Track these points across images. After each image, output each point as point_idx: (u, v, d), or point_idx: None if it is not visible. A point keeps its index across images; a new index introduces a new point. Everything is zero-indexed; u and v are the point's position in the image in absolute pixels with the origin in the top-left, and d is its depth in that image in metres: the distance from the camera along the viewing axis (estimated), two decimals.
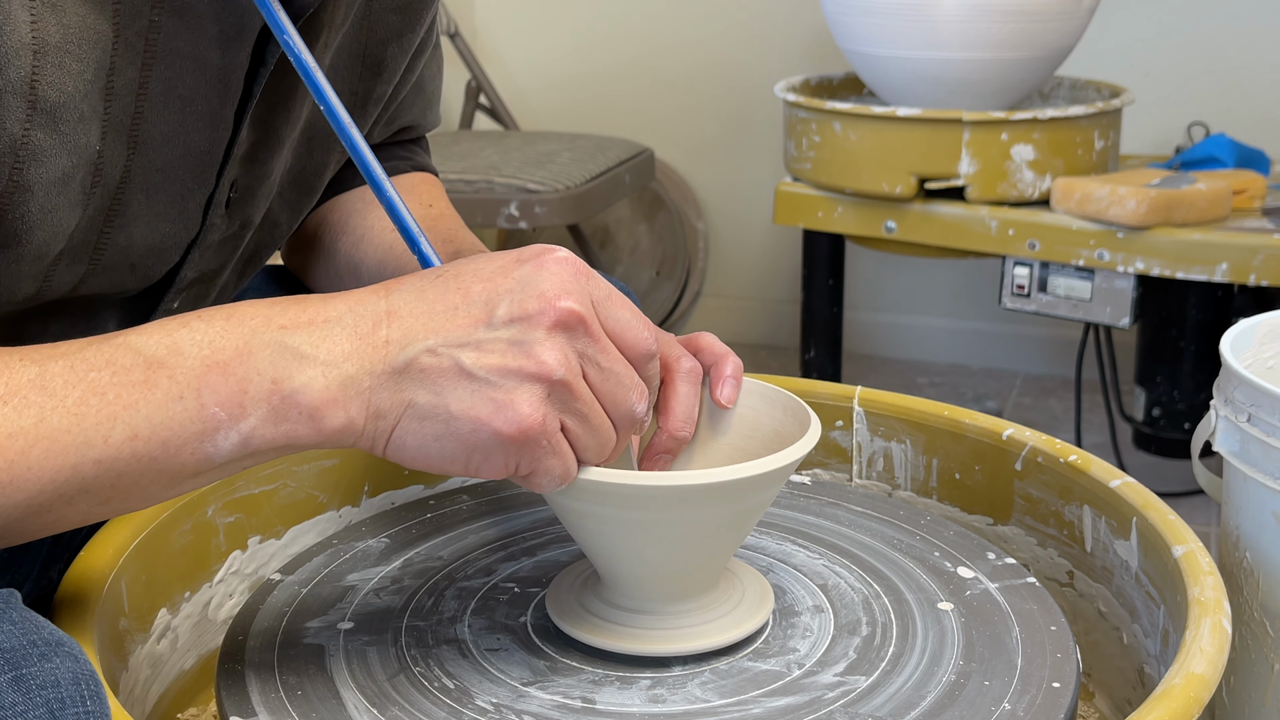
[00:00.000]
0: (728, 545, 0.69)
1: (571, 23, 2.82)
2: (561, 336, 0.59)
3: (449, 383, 0.58)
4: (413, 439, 0.59)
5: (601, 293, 0.61)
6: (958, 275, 2.68)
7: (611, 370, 0.60)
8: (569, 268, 0.60)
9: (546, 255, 0.60)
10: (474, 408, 0.58)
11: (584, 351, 0.59)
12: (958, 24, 1.85)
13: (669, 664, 0.68)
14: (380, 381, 0.58)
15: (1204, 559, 0.69)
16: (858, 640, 0.70)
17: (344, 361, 0.58)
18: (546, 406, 0.59)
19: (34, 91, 0.62)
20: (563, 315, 0.58)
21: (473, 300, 0.59)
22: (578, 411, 0.60)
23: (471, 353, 0.58)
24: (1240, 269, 1.76)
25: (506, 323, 0.58)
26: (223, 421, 0.57)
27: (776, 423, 0.72)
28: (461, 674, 0.67)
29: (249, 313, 0.59)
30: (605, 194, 2.33)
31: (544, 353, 0.58)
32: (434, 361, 0.58)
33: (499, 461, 0.59)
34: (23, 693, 0.52)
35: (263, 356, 0.57)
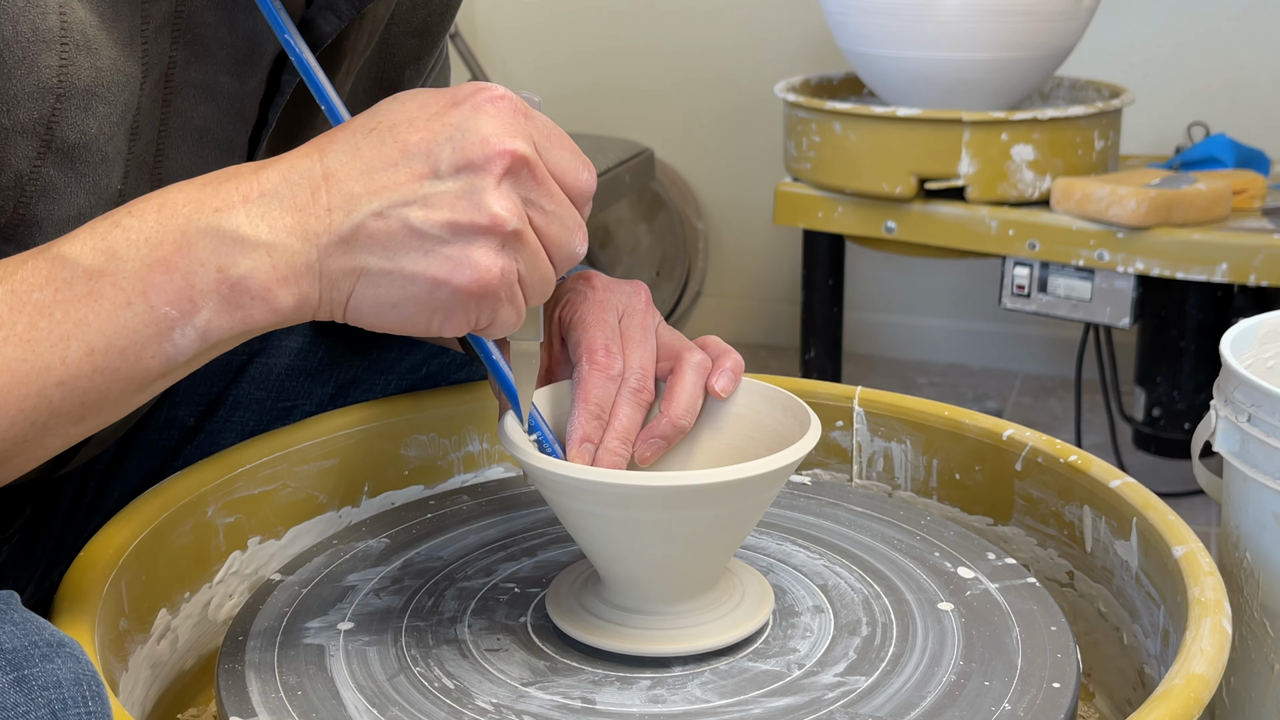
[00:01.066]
0: (728, 545, 0.69)
1: (571, 23, 2.82)
2: (508, 183, 0.57)
3: (400, 244, 0.56)
4: (369, 306, 0.58)
5: (542, 132, 0.59)
6: (958, 275, 2.68)
7: (556, 214, 0.59)
8: (507, 106, 0.58)
9: (481, 94, 0.58)
10: (430, 267, 0.57)
11: (529, 196, 0.58)
12: (958, 24, 1.85)
13: (669, 664, 0.68)
14: (328, 253, 0.57)
15: (1204, 559, 0.69)
16: (858, 640, 0.70)
17: (288, 237, 0.56)
18: (503, 258, 0.57)
19: (50, 132, 0.61)
20: (508, 160, 0.57)
21: (412, 153, 0.57)
22: (527, 258, 0.59)
23: (419, 210, 0.56)
24: (1240, 269, 1.76)
25: (452, 173, 0.56)
26: (176, 320, 0.56)
27: (776, 423, 0.72)
28: (461, 674, 0.67)
29: (180, 199, 0.57)
30: (605, 194, 2.33)
31: (495, 204, 0.56)
32: (382, 225, 0.56)
33: (460, 318, 0.58)
34: (25, 693, 0.52)
35: (203, 246, 0.55)
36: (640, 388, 0.72)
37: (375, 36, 0.79)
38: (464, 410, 0.91)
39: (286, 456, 0.83)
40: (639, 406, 0.72)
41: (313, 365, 0.92)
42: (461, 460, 0.92)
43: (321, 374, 0.92)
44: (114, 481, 0.89)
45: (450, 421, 0.91)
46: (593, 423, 0.69)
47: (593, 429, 0.69)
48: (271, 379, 0.91)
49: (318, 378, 0.92)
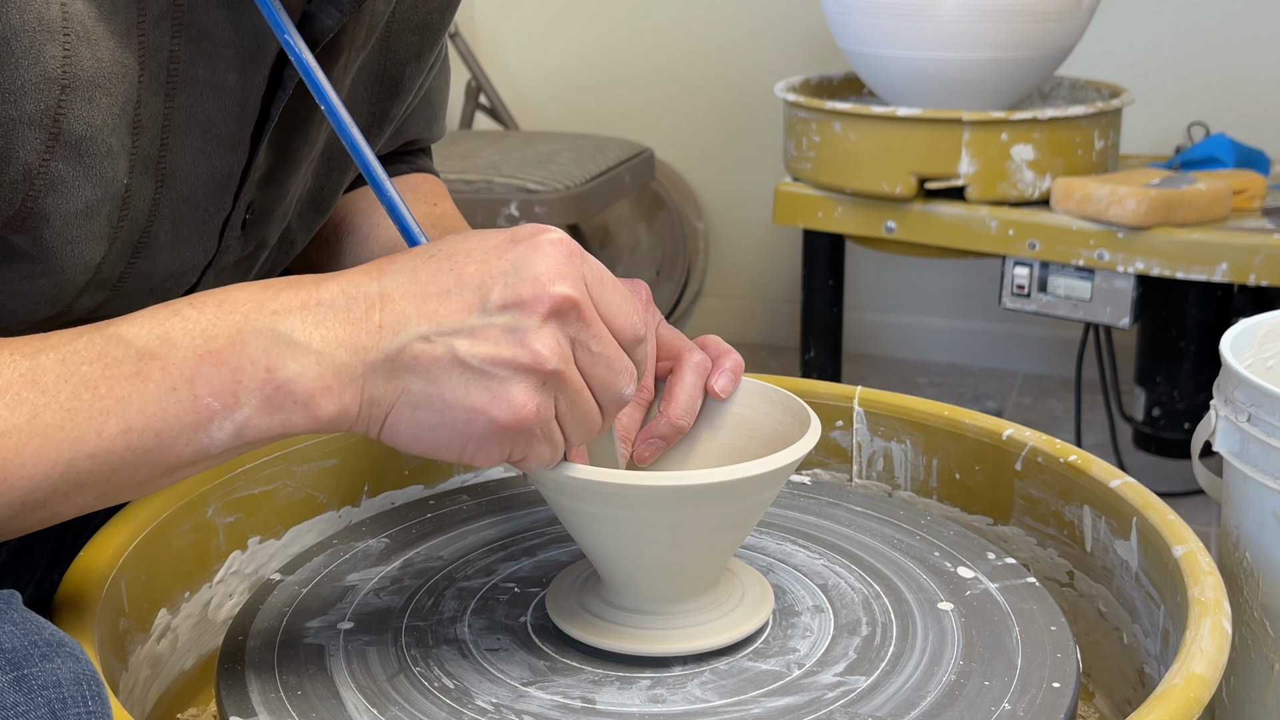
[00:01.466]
0: (728, 545, 0.69)
1: (572, 23, 2.82)
2: (555, 324, 0.58)
3: (443, 371, 0.57)
4: (407, 426, 0.59)
5: (594, 275, 0.60)
6: (958, 275, 2.68)
7: (603, 355, 0.60)
8: (563, 249, 0.59)
9: (540, 236, 0.59)
10: (469, 397, 0.57)
11: (576, 337, 0.59)
12: (958, 24, 1.85)
13: (669, 664, 0.68)
14: (374, 369, 0.58)
15: (1204, 559, 0.69)
16: (858, 640, 0.70)
17: (337, 348, 0.57)
18: (540, 396, 0.58)
19: (57, 124, 0.61)
20: (557, 302, 0.58)
21: (465, 284, 0.58)
22: (568, 397, 0.59)
23: (465, 340, 0.57)
24: (1240, 269, 1.76)
25: (500, 309, 0.58)
26: (217, 412, 0.56)
27: (776, 423, 0.72)
28: (461, 674, 0.67)
29: (241, 298, 0.58)
30: (605, 194, 2.33)
31: (538, 342, 0.57)
32: (428, 349, 0.57)
33: (494, 450, 0.59)
34: (24, 693, 0.52)
35: (255, 345, 0.57)
36: (640, 387, 0.72)
37: (375, 32, 0.79)
38: None
39: (286, 456, 0.83)
40: (638, 406, 0.72)
41: None
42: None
43: None
44: None
45: None
46: None
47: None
48: None
49: None
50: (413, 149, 0.98)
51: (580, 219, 2.29)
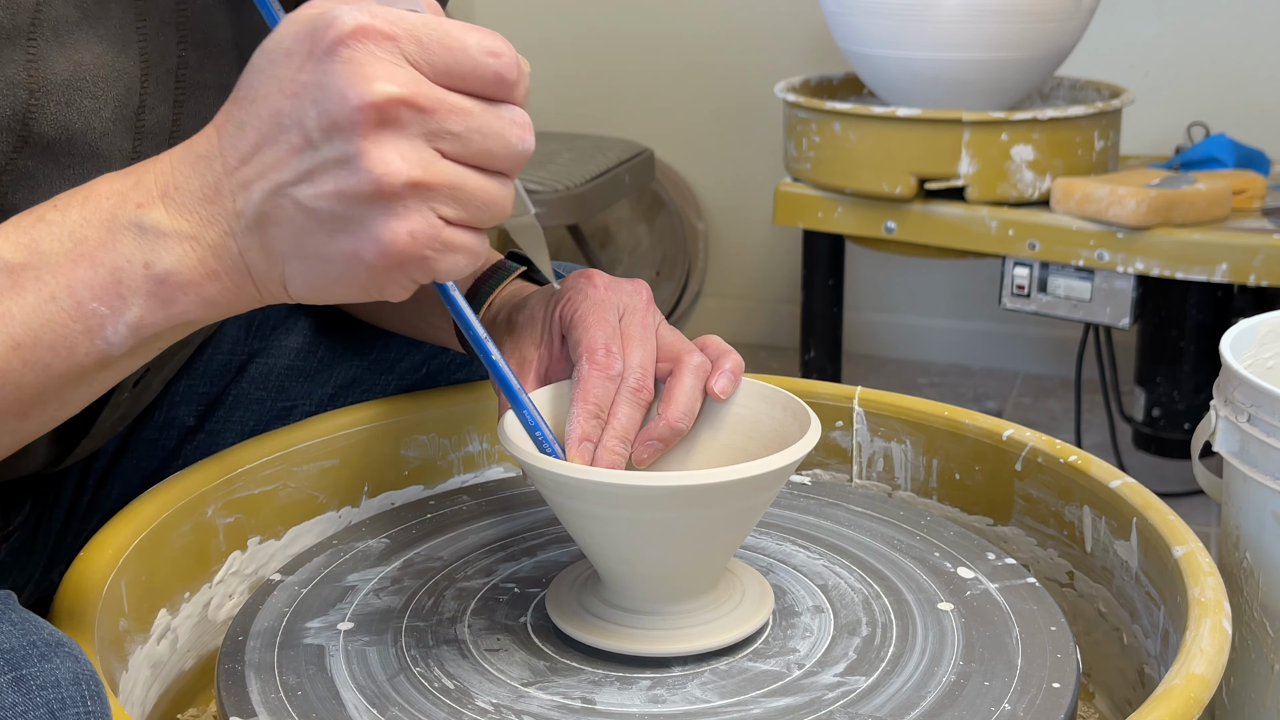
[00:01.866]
0: (727, 545, 0.69)
1: (571, 22, 2.82)
2: (387, 134, 0.52)
3: (301, 227, 0.54)
4: (305, 289, 0.56)
5: (408, 33, 0.52)
6: (958, 275, 2.68)
7: (470, 128, 0.53)
8: (358, 49, 0.52)
9: (329, 36, 0.52)
10: (336, 246, 0.54)
11: (427, 130, 0.52)
12: (958, 24, 1.85)
13: (669, 664, 0.68)
14: (245, 242, 0.55)
15: (1204, 559, 0.69)
16: (858, 640, 0.70)
17: (204, 229, 0.55)
18: (408, 218, 0.53)
19: (26, 127, 0.61)
20: (376, 112, 0.51)
21: (284, 123, 0.53)
22: (448, 197, 0.53)
23: (305, 188, 0.53)
24: (1240, 269, 1.76)
25: (324, 138, 0.52)
26: (105, 316, 0.55)
27: (776, 423, 0.72)
28: (461, 674, 0.67)
29: (104, 192, 0.56)
30: (605, 194, 2.33)
31: (374, 165, 0.52)
32: (276, 208, 0.54)
33: (393, 287, 0.55)
34: (23, 693, 0.52)
35: (127, 242, 0.55)
36: (640, 387, 0.71)
37: None
38: (464, 410, 0.91)
39: (286, 456, 0.83)
40: (638, 406, 0.72)
41: (312, 365, 0.92)
42: (461, 460, 0.92)
43: (321, 374, 0.92)
44: (113, 480, 0.89)
45: (450, 421, 0.91)
46: (592, 422, 0.69)
47: (592, 428, 0.69)
48: (271, 379, 0.91)
49: (317, 378, 0.92)
50: None
51: (580, 219, 2.29)
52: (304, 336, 0.92)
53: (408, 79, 0.52)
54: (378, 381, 0.92)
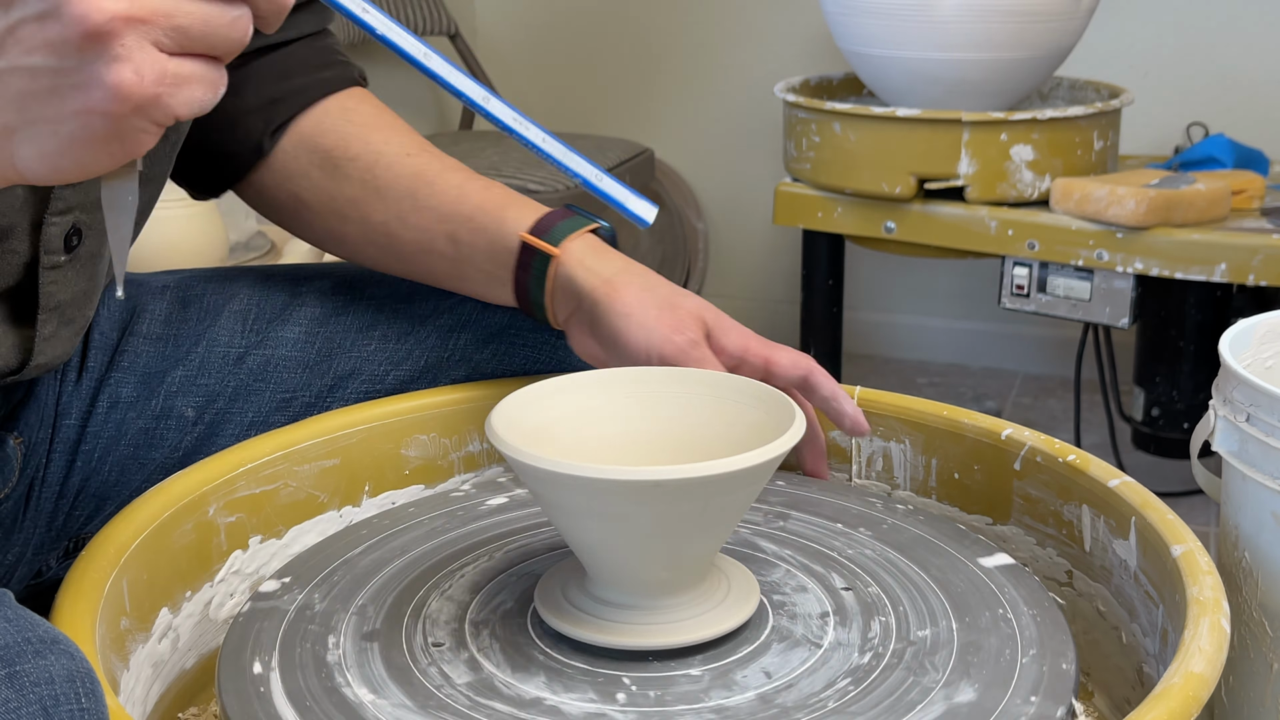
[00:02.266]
0: (712, 540, 0.69)
1: (571, 22, 2.82)
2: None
3: (19, 92, 0.51)
4: (37, 162, 0.53)
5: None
6: (957, 275, 2.68)
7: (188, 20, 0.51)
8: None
9: None
10: (67, 105, 0.51)
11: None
12: (958, 24, 1.85)
13: (654, 658, 0.68)
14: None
15: (1203, 558, 0.69)
16: (856, 637, 0.70)
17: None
18: (129, 57, 0.50)
19: None
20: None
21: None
22: (167, 27, 0.51)
23: (14, 49, 0.50)
24: (1239, 269, 1.76)
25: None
26: None
27: (761, 417, 0.72)
28: (459, 671, 0.67)
29: None
30: None
31: (77, 5, 0.49)
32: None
33: (138, 135, 0.52)
34: (16, 689, 0.52)
35: None
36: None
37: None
38: (464, 410, 0.91)
39: (287, 456, 0.83)
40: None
41: (311, 357, 0.92)
42: (461, 460, 0.92)
43: (319, 365, 0.92)
44: (107, 465, 0.89)
45: (451, 421, 0.91)
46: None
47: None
48: (269, 370, 0.91)
49: (316, 369, 0.92)
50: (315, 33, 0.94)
51: None
52: (302, 328, 0.92)
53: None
54: (376, 372, 0.92)
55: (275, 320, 0.92)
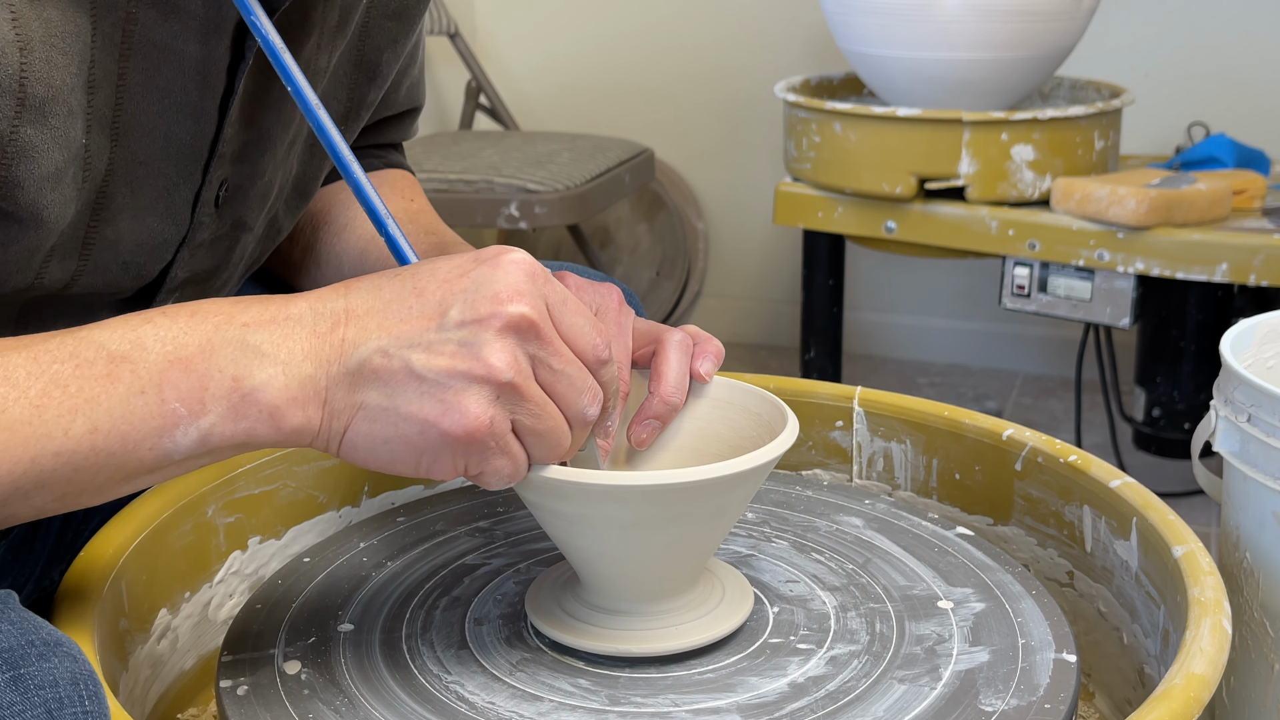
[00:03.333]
0: (703, 545, 0.69)
1: (572, 23, 2.82)
2: (512, 339, 0.59)
3: (399, 384, 0.58)
4: (364, 440, 0.60)
5: (557, 296, 0.61)
6: (958, 275, 2.68)
7: (564, 372, 0.61)
8: (524, 269, 0.60)
9: (503, 256, 0.61)
10: (423, 409, 0.58)
11: (535, 354, 0.60)
12: (958, 24, 1.85)
13: (646, 664, 0.68)
14: (336, 382, 0.59)
15: (1204, 559, 0.69)
16: (855, 638, 0.70)
17: (303, 360, 0.58)
18: (495, 408, 0.59)
19: (23, 88, 0.62)
20: (513, 318, 0.59)
21: (427, 302, 0.59)
22: (528, 411, 0.60)
23: (422, 354, 0.58)
24: (1240, 269, 1.76)
25: (458, 325, 0.59)
26: (183, 417, 0.57)
27: (754, 422, 0.72)
28: (457, 672, 0.67)
29: (212, 310, 0.59)
30: (605, 194, 2.33)
31: (491, 355, 0.58)
32: (385, 362, 0.58)
33: (447, 462, 0.60)
34: (20, 692, 0.52)
35: (224, 354, 0.58)
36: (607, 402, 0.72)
37: (352, 19, 0.79)
38: None
39: (287, 456, 0.83)
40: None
41: None
42: None
43: None
44: None
45: None
46: None
47: None
48: None
49: None
50: (385, 144, 0.99)
51: (580, 219, 2.29)
52: None
53: (543, 312, 0.60)
54: None
55: None
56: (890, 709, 0.64)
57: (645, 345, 0.75)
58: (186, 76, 0.70)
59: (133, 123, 0.69)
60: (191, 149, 0.72)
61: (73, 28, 0.64)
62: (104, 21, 0.65)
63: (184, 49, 0.69)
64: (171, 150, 0.71)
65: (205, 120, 0.72)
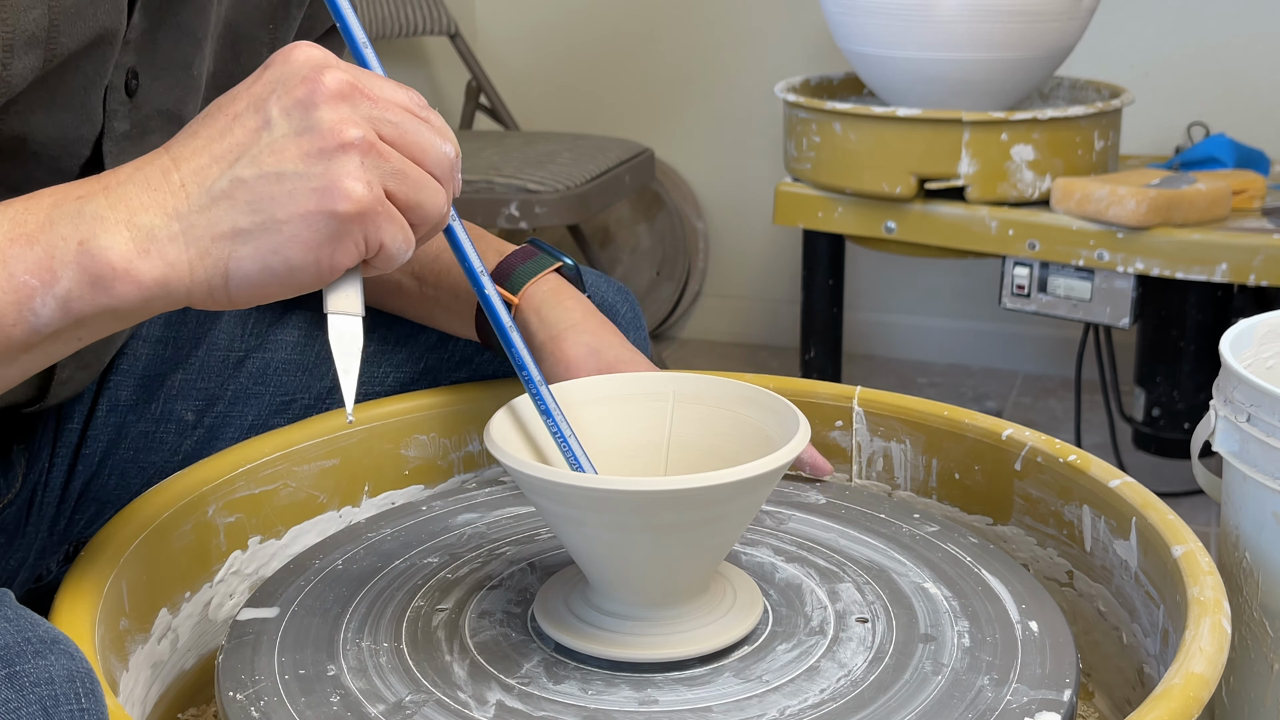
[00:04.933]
0: (713, 550, 0.68)
1: (571, 22, 2.82)
2: (342, 105, 0.58)
3: (262, 195, 0.58)
4: (252, 264, 0.58)
5: (353, 66, 0.60)
6: (958, 275, 2.68)
7: (402, 124, 0.60)
8: (314, 49, 0.59)
9: (290, 52, 0.60)
10: (299, 203, 0.57)
11: (369, 115, 0.59)
12: (958, 24, 1.85)
13: (655, 669, 0.68)
14: (190, 223, 0.58)
15: (1203, 559, 0.69)
16: (855, 638, 0.70)
17: (143, 213, 0.58)
18: (366, 173, 0.58)
19: (53, 40, 0.62)
20: (331, 86, 0.58)
21: (241, 114, 0.59)
22: (394, 170, 0.59)
23: (270, 156, 0.57)
24: (1240, 269, 1.76)
25: (284, 115, 0.58)
26: (35, 289, 0.57)
27: (764, 426, 0.72)
28: (458, 673, 0.67)
29: (48, 192, 0.59)
30: (605, 194, 2.33)
31: (335, 125, 0.57)
32: (237, 183, 0.58)
33: (348, 245, 0.59)
34: (16, 689, 0.52)
35: (65, 225, 0.57)
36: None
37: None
38: (464, 410, 0.91)
39: (287, 456, 0.83)
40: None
41: (310, 359, 0.92)
42: (461, 460, 0.92)
43: (318, 367, 0.92)
44: (108, 470, 0.89)
45: (450, 421, 0.91)
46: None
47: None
48: (269, 373, 0.91)
49: (315, 371, 0.92)
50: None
51: (580, 219, 2.29)
52: (300, 330, 0.92)
53: (358, 75, 0.59)
54: (375, 374, 0.92)
55: (274, 323, 0.92)
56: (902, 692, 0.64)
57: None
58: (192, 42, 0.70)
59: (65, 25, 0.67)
60: (107, 44, 0.70)
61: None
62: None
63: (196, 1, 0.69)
64: (87, 45, 0.69)
65: (119, 13, 0.70)
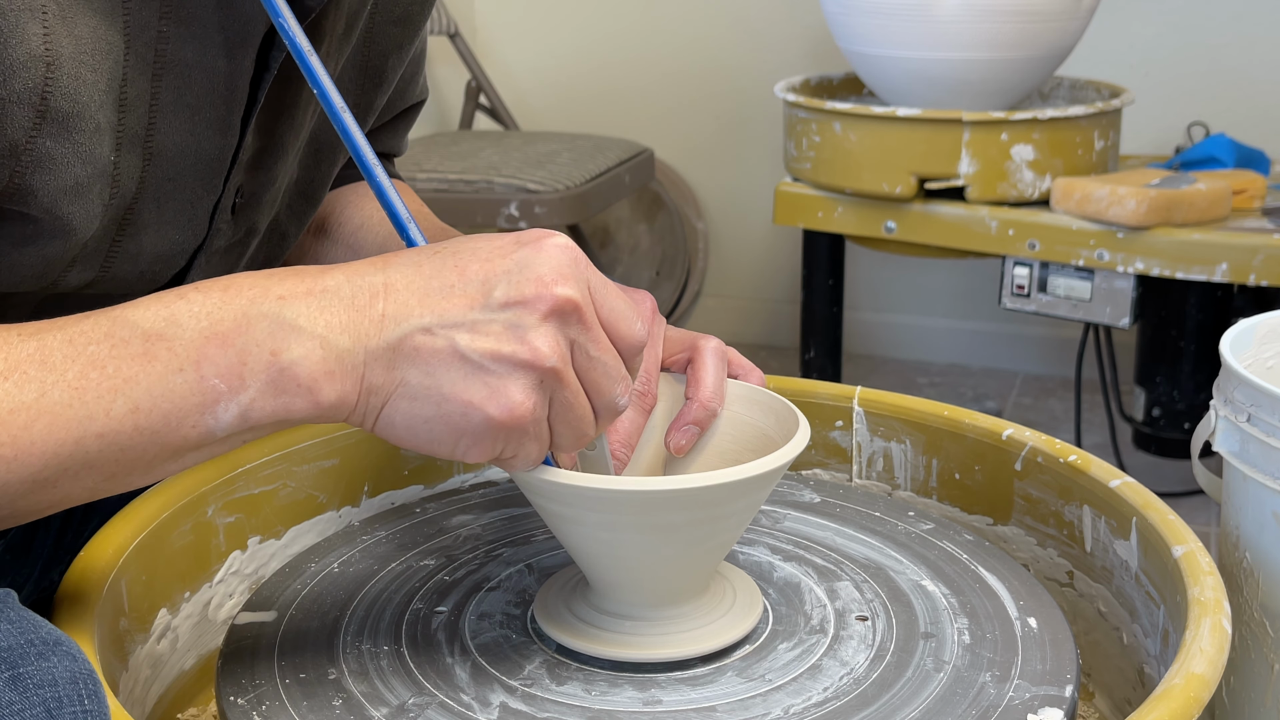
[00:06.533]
0: (713, 551, 0.68)
1: (571, 23, 2.82)
2: (555, 323, 0.59)
3: (442, 364, 0.58)
4: (402, 418, 0.59)
5: (598, 281, 0.61)
6: (958, 275, 2.68)
7: (600, 360, 0.60)
8: (568, 254, 0.60)
9: (546, 240, 0.60)
10: (467, 391, 0.58)
11: (576, 339, 0.59)
12: (958, 24, 1.85)
13: (656, 669, 0.68)
14: (375, 357, 0.58)
15: (1204, 559, 0.69)
16: (855, 638, 0.70)
17: (340, 334, 0.58)
18: (537, 394, 0.59)
19: (45, 102, 0.62)
20: (559, 302, 0.58)
21: (469, 280, 0.59)
22: (563, 399, 0.60)
23: (466, 334, 0.58)
24: (1240, 269, 1.76)
25: (502, 306, 0.58)
26: (222, 393, 0.57)
27: (764, 427, 0.72)
28: (460, 675, 0.67)
29: (246, 283, 0.59)
30: (605, 194, 2.33)
31: (538, 340, 0.58)
32: (428, 341, 0.58)
33: (486, 445, 0.59)
34: (19, 691, 0.52)
35: (260, 328, 0.57)
36: (644, 391, 0.72)
37: (357, 25, 0.80)
38: None
39: (287, 456, 0.83)
40: (641, 410, 0.72)
41: None
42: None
43: None
44: None
45: None
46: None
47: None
48: None
49: None
50: (381, 153, 1.00)
51: (580, 219, 2.29)
52: None
53: (586, 296, 0.60)
54: None
55: None
56: (903, 693, 0.64)
57: (679, 352, 0.75)
58: (215, 92, 0.70)
59: (165, 141, 0.69)
60: (216, 162, 0.72)
61: (104, 45, 0.64)
62: (137, 41, 0.65)
63: (213, 65, 0.69)
64: (199, 165, 0.71)
65: (230, 133, 0.72)
